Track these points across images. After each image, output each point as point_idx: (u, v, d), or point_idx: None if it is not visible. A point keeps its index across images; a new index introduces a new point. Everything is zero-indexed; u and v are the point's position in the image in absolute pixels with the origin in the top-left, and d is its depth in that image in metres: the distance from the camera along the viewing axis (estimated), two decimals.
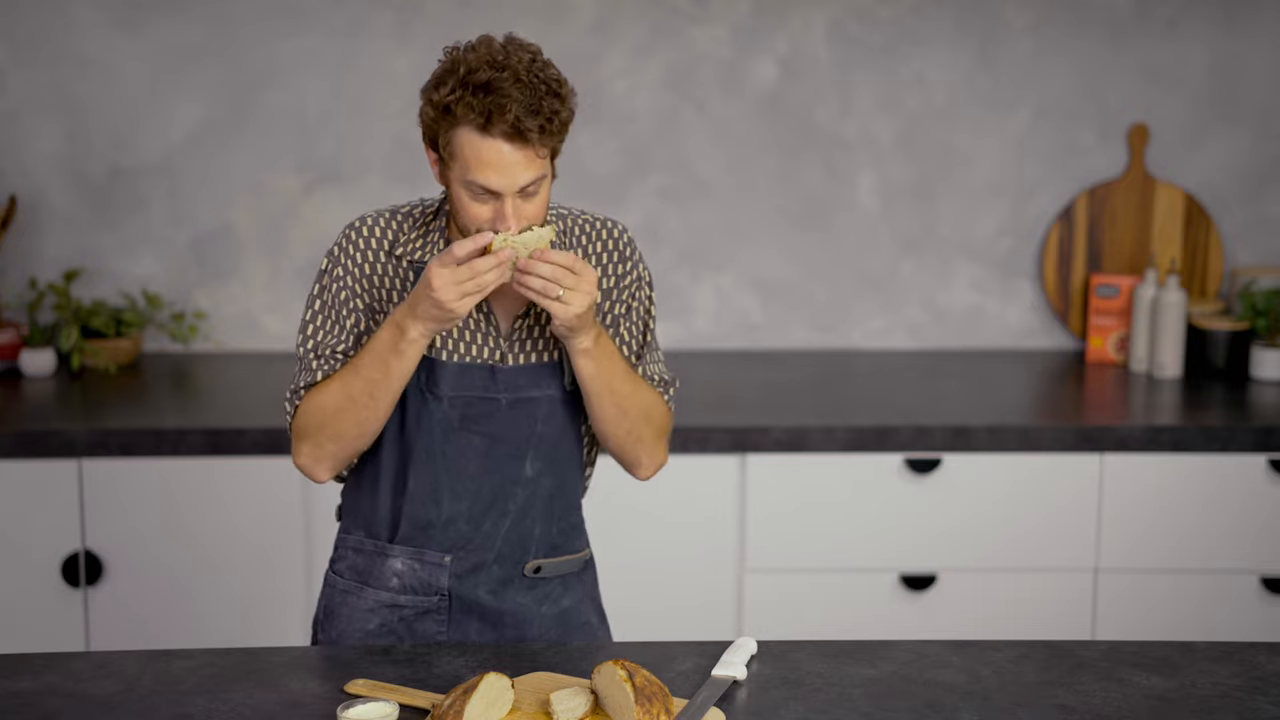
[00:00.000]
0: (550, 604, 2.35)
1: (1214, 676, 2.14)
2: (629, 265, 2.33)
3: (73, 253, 3.86)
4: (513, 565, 2.32)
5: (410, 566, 2.31)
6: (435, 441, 2.26)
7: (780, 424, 3.30)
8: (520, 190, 2.13)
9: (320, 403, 2.24)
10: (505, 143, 2.09)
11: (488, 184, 2.11)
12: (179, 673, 2.14)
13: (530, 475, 2.29)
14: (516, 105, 2.08)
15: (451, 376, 2.25)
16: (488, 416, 2.26)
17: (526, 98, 2.09)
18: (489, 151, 2.10)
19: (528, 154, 2.11)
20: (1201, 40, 3.84)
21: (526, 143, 2.10)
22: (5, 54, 3.77)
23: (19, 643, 3.25)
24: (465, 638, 2.32)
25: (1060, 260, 3.90)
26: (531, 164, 2.12)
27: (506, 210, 2.12)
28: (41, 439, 3.25)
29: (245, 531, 3.31)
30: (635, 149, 3.86)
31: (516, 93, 2.08)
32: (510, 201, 2.12)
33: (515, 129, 2.09)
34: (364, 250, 2.27)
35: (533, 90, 2.09)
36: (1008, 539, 3.35)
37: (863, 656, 2.19)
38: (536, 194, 2.15)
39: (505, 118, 2.08)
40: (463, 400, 2.26)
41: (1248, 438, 3.31)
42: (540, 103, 2.10)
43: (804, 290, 3.93)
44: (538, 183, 2.14)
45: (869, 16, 3.82)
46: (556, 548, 2.35)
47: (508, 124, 2.08)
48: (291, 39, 3.78)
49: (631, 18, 3.80)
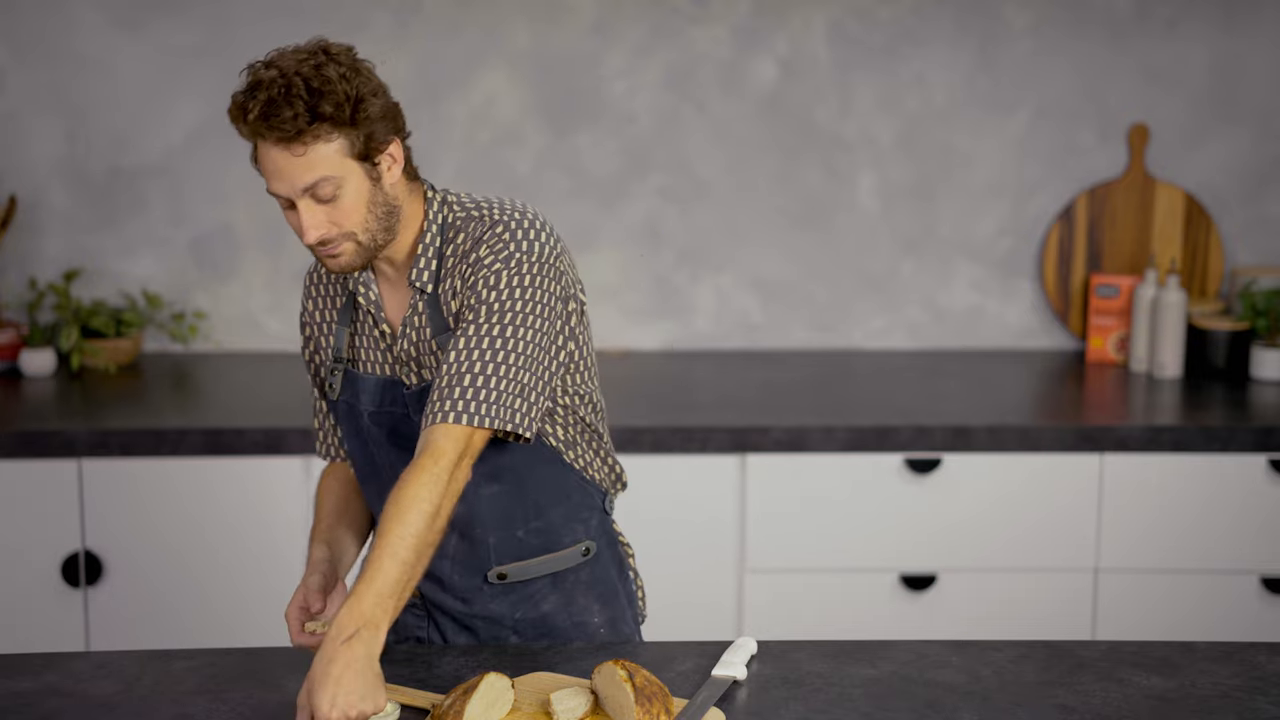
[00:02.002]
0: (528, 608, 2.30)
1: (1214, 676, 2.14)
2: (482, 263, 2.10)
3: (73, 253, 3.86)
4: (473, 574, 2.28)
5: None
6: (371, 454, 2.26)
7: (780, 424, 3.30)
8: (307, 192, 2.04)
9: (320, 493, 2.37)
10: (274, 146, 2.02)
11: (273, 189, 2.06)
12: (179, 673, 2.14)
13: (468, 485, 2.13)
14: (264, 101, 1.99)
15: (371, 390, 2.23)
16: (414, 433, 2.20)
17: (276, 93, 1.99)
18: (265, 157, 2.04)
19: (300, 151, 2.01)
20: (1201, 40, 3.84)
21: (292, 139, 2.01)
22: (5, 54, 3.77)
23: (19, 643, 3.25)
24: (443, 637, 2.32)
25: (1060, 260, 3.90)
26: (309, 163, 2.02)
27: (301, 219, 2.05)
28: (41, 439, 3.25)
29: (245, 531, 3.31)
30: (635, 149, 3.86)
31: (268, 90, 2.00)
32: (302, 206, 2.05)
33: (269, 124, 2.00)
34: (308, 287, 2.32)
35: (284, 84, 1.99)
36: (1008, 539, 3.35)
37: (863, 656, 2.19)
38: (335, 198, 2.05)
39: (255, 114, 2.00)
40: (387, 416, 2.23)
41: (1248, 438, 3.31)
42: (289, 93, 1.99)
43: (804, 290, 3.93)
44: (328, 185, 2.03)
45: (869, 16, 3.82)
46: (527, 551, 2.27)
47: (260, 121, 2.00)
48: (291, 39, 3.76)
49: (631, 18, 3.80)
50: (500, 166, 3.82)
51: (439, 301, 2.16)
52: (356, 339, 2.26)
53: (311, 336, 2.33)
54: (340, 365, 2.26)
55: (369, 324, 2.24)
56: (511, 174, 3.83)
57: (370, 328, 2.24)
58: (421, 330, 2.18)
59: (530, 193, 3.84)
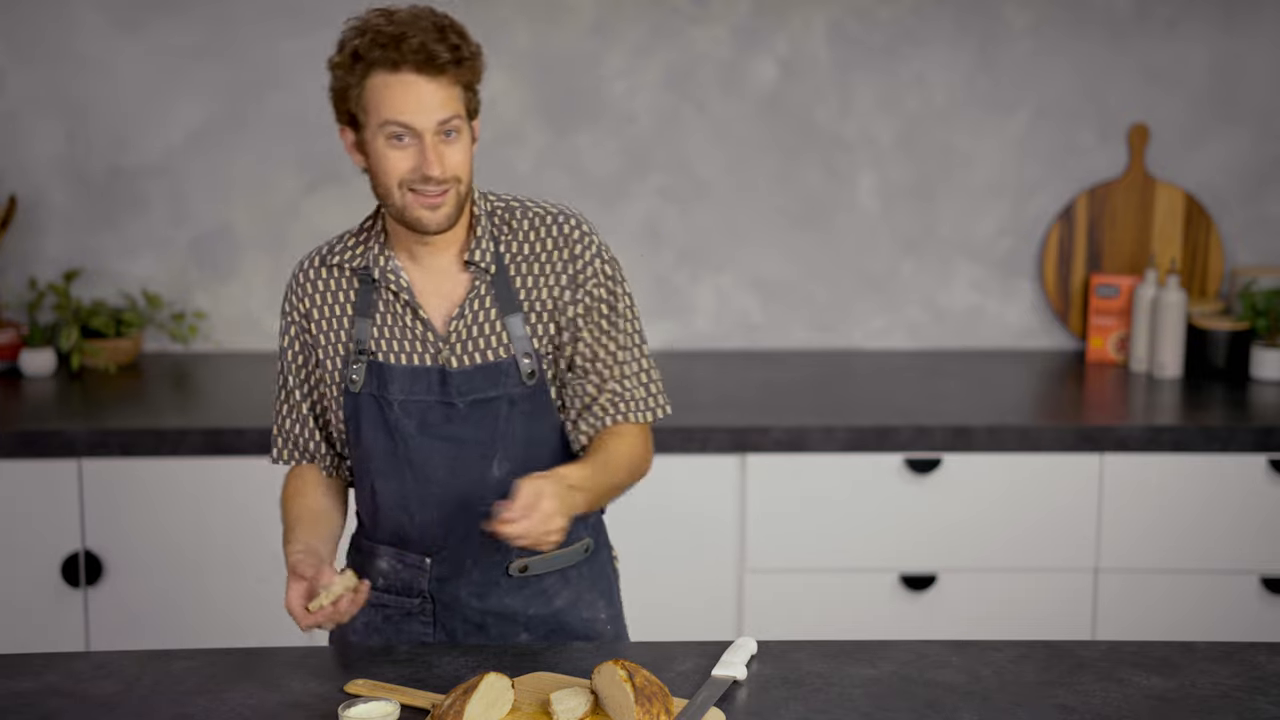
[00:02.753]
0: (540, 604, 2.32)
1: (1214, 676, 2.14)
2: (581, 263, 2.27)
3: (73, 253, 3.86)
4: (494, 567, 2.29)
5: (394, 566, 2.30)
6: (399, 449, 2.25)
7: (780, 424, 3.30)
8: (439, 128, 2.11)
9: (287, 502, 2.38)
10: (416, 73, 2.10)
11: (403, 118, 2.10)
12: (179, 673, 2.14)
13: (499, 476, 2.24)
14: (420, 33, 2.09)
15: (402, 380, 2.23)
16: (449, 421, 2.23)
17: (429, 29, 2.10)
18: (401, 86, 2.10)
19: (441, 85, 2.11)
20: (1201, 40, 3.84)
21: (439, 71, 2.10)
22: (5, 54, 3.77)
23: (19, 643, 3.25)
24: (451, 638, 2.31)
25: (1060, 260, 3.90)
26: (447, 100, 2.12)
27: (429, 152, 2.11)
28: (41, 439, 3.25)
29: (245, 531, 3.31)
30: (635, 149, 3.86)
31: (418, 26, 2.10)
32: (430, 141, 2.11)
33: (424, 54, 2.09)
34: (302, 283, 2.30)
35: (435, 24, 2.11)
36: (1008, 539, 3.35)
37: (863, 656, 2.19)
38: (456, 141, 2.14)
39: (411, 43, 2.08)
40: (417, 405, 2.23)
41: (1248, 438, 3.31)
42: (445, 32, 2.11)
43: (804, 290, 3.93)
44: (455, 124, 2.13)
45: (869, 17, 3.82)
46: None
47: (415, 50, 2.08)
48: (291, 39, 3.78)
49: (631, 18, 3.80)
50: (501, 166, 3.82)
51: (507, 281, 2.23)
52: (380, 328, 2.25)
53: (307, 336, 2.31)
54: (363, 357, 2.25)
55: (398, 311, 2.24)
56: (512, 173, 3.83)
57: (399, 314, 2.24)
58: (486, 310, 2.23)
59: (530, 192, 3.83)
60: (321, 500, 2.35)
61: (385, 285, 2.24)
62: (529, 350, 2.24)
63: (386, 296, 2.24)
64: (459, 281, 2.25)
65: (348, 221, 3.91)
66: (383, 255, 2.24)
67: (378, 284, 2.25)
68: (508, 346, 2.24)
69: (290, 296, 2.32)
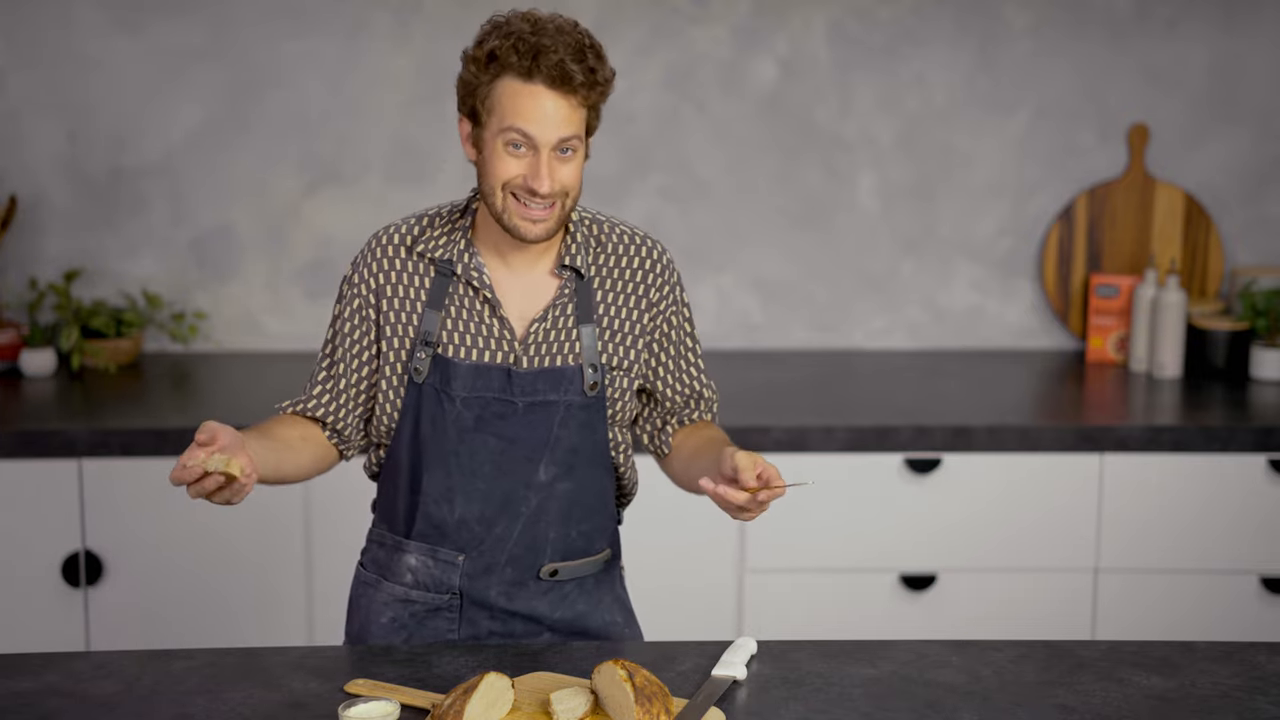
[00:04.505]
0: (565, 608, 2.34)
1: (1214, 676, 2.14)
2: (668, 290, 2.34)
3: (73, 253, 3.86)
4: (526, 568, 2.30)
5: (424, 563, 2.31)
6: (449, 442, 2.25)
7: (780, 424, 3.30)
8: (558, 145, 2.13)
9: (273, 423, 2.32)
10: (547, 88, 2.11)
11: (526, 129, 2.12)
12: (179, 673, 2.14)
13: (544, 479, 2.27)
14: (561, 49, 2.11)
15: (466, 376, 2.24)
16: (503, 419, 2.25)
17: (570, 47, 2.11)
18: (530, 97, 2.12)
19: (569, 104, 2.13)
20: (1201, 40, 3.84)
21: (570, 90, 2.12)
22: (5, 54, 3.77)
23: (19, 643, 3.25)
24: (476, 637, 2.32)
25: (1060, 260, 3.90)
26: (571, 118, 2.13)
27: (542, 167, 2.13)
28: (41, 439, 3.25)
29: (245, 531, 3.31)
30: (635, 149, 3.86)
31: (561, 41, 2.11)
32: (545, 156, 2.13)
33: (560, 72, 2.10)
34: (379, 258, 2.28)
35: (576, 43, 2.13)
36: (1008, 539, 3.35)
37: (863, 656, 2.19)
38: (571, 159, 2.16)
39: (550, 59, 2.10)
40: (478, 401, 2.24)
41: (1248, 438, 3.31)
42: (584, 53, 2.12)
43: (804, 290, 3.93)
44: (574, 143, 2.15)
45: (869, 17, 3.82)
46: (574, 551, 2.33)
47: (552, 65, 2.10)
48: (292, 40, 3.78)
49: (631, 18, 3.80)
50: None
51: (590, 292, 2.28)
52: (451, 321, 2.26)
53: (371, 312, 2.28)
54: (429, 349, 2.26)
55: (475, 307, 2.25)
56: None
57: (476, 310, 2.25)
58: (566, 317, 2.26)
59: None
60: (291, 434, 2.31)
61: (466, 280, 2.25)
62: (595, 362, 2.27)
63: (464, 291, 2.26)
64: (546, 285, 2.28)
65: (348, 221, 3.93)
66: (468, 252, 2.25)
67: (458, 278, 2.26)
68: (577, 355, 2.27)
69: (363, 269, 2.29)
